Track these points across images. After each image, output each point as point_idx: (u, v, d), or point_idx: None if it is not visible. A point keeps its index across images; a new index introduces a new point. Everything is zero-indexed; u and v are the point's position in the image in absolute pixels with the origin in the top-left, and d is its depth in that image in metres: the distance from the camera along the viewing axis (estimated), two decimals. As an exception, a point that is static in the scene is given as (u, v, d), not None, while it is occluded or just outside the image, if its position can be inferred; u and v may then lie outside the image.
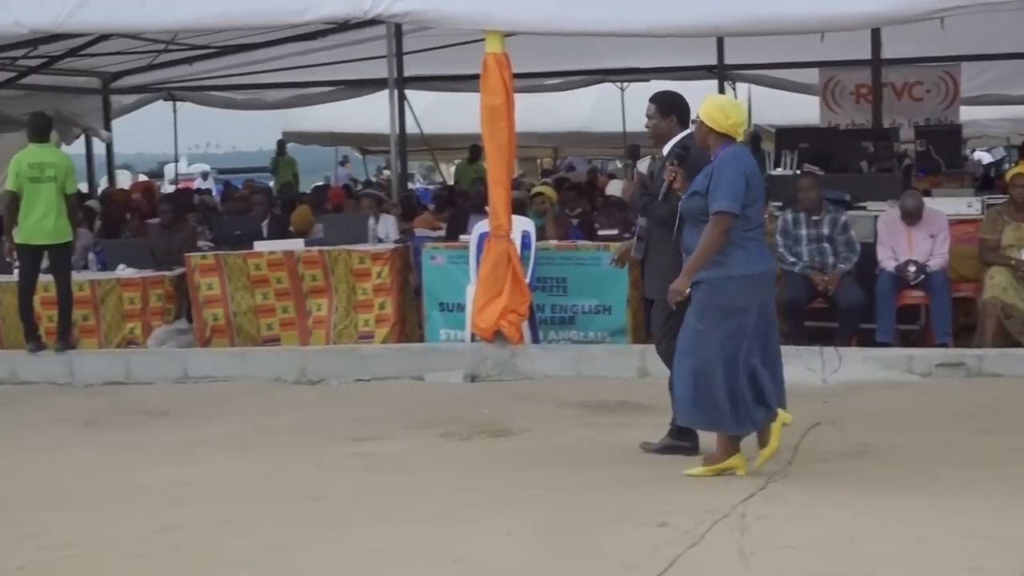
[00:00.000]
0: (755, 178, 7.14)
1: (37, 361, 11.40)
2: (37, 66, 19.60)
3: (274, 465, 8.01)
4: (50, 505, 7.22)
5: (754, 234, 7.14)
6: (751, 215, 7.10)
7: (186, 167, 42.22)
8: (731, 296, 7.05)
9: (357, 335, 11.61)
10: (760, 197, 7.21)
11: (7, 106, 20.54)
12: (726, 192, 7.00)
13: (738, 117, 7.20)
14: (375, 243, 11.99)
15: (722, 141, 7.15)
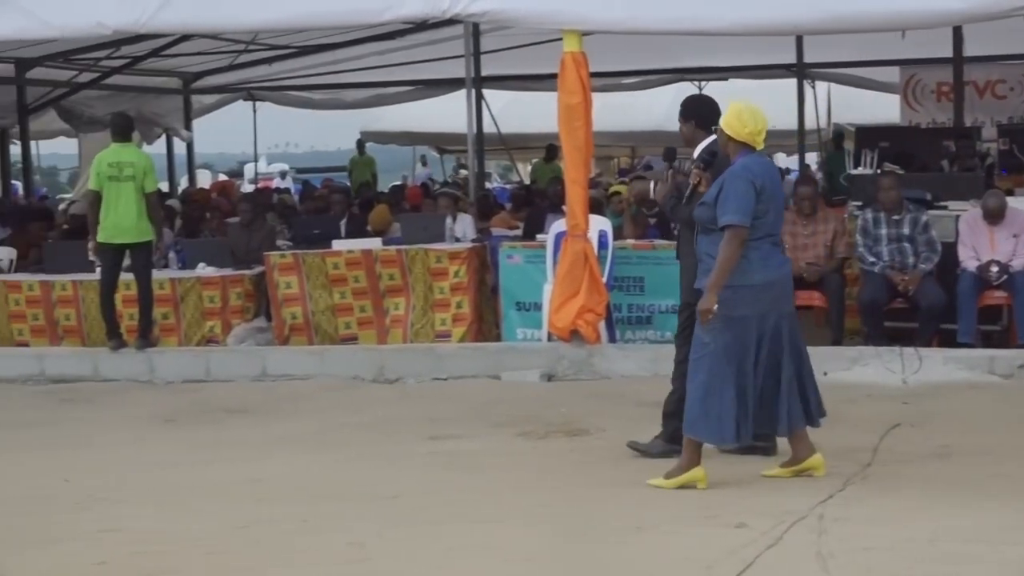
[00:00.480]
0: (768, 188, 7.05)
1: (118, 359, 11.53)
2: (120, 67, 19.85)
3: (351, 463, 8.05)
4: (129, 501, 7.30)
5: (758, 244, 7.05)
6: (759, 225, 7.02)
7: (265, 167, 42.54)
8: (730, 306, 6.99)
9: (434, 334, 11.64)
10: (774, 208, 7.11)
11: (91, 106, 20.82)
12: (736, 206, 6.95)
13: (756, 125, 7.10)
14: (452, 242, 12.02)
15: (740, 149, 7.10)
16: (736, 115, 7.12)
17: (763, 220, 7.03)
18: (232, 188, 26.14)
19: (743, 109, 7.16)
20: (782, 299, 7.17)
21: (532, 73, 19.01)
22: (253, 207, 13.60)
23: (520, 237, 13.02)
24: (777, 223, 7.19)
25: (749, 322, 7.02)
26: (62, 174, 48.17)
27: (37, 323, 12.29)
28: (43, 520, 6.96)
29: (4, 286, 12.42)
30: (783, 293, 7.20)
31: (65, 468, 8.15)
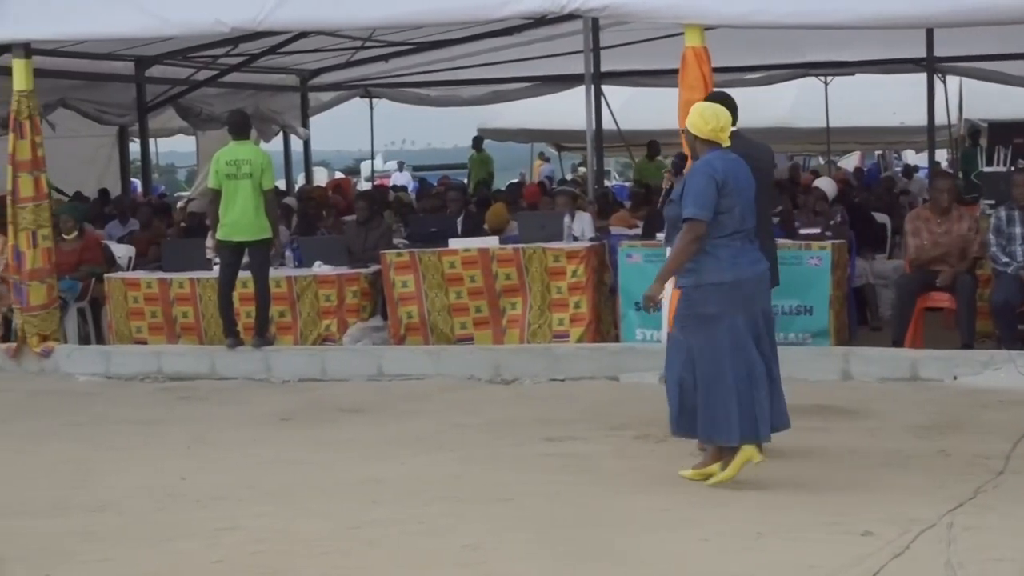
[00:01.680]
0: (731, 183, 7.16)
1: (235, 357, 11.69)
2: (237, 64, 20.13)
3: (467, 464, 8.08)
4: (245, 500, 7.40)
5: (728, 240, 7.18)
6: (726, 221, 7.15)
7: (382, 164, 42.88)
8: (702, 304, 7.18)
9: (551, 334, 11.65)
10: (741, 203, 7.20)
11: (209, 104, 21.15)
12: (694, 199, 7.13)
13: (718, 122, 7.28)
14: (570, 241, 12.01)
15: (708, 147, 7.29)
16: (699, 114, 7.34)
17: (730, 215, 7.16)
18: (348, 186, 26.38)
19: (705, 107, 7.42)
20: (756, 297, 7.31)
21: (652, 69, 18.95)
22: (369, 205, 13.71)
23: (640, 236, 12.98)
24: (748, 218, 7.26)
25: (722, 320, 7.16)
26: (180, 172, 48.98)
27: (155, 321, 12.50)
28: (160, 518, 7.09)
29: (123, 284, 12.67)
30: (758, 291, 7.32)
31: (182, 466, 8.29)
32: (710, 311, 7.18)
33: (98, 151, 22.84)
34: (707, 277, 7.18)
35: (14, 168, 12.18)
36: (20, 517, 7.19)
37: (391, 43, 19.66)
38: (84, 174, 21.99)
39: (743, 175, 7.30)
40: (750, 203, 7.32)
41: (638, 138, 22.68)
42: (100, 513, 7.23)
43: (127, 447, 8.97)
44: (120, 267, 13.69)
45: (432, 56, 20.63)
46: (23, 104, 12.18)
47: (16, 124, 12.18)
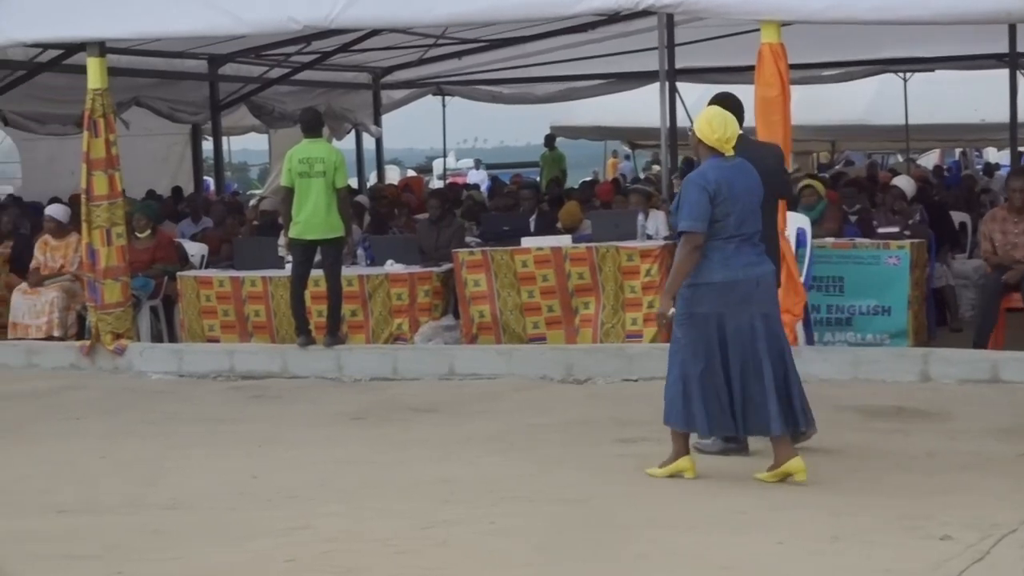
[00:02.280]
0: (725, 191, 7.38)
1: (307, 356, 11.76)
2: (310, 62, 20.26)
3: (539, 465, 8.08)
4: (317, 499, 7.45)
5: (722, 244, 7.41)
6: (719, 229, 7.39)
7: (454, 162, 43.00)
8: (694, 303, 7.47)
9: (624, 334, 11.62)
10: (737, 210, 7.40)
11: (281, 102, 21.30)
12: (688, 211, 7.41)
13: (725, 132, 7.48)
14: (644, 240, 11.99)
15: (710, 154, 7.52)
16: (707, 121, 7.54)
17: (724, 223, 7.39)
18: (420, 184, 26.48)
19: (715, 115, 7.60)
20: (754, 299, 7.46)
21: (728, 65, 18.85)
22: (442, 203, 13.74)
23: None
24: (746, 223, 7.45)
25: (710, 320, 7.42)
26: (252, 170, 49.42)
27: (227, 319, 12.61)
28: (233, 517, 7.15)
29: (196, 282, 12.78)
30: (755, 293, 7.47)
31: (253, 465, 8.35)
32: (703, 310, 7.45)
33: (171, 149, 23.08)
34: (699, 277, 7.45)
35: (88, 166, 12.32)
36: (93, 514, 7.28)
37: (464, 40, 19.69)
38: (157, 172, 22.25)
39: (740, 182, 7.49)
40: (750, 209, 7.50)
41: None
42: (172, 511, 7.30)
43: (199, 445, 9.05)
44: (193, 265, 13.81)
45: (505, 53, 20.65)
46: (97, 102, 12.32)
47: (91, 122, 12.32)
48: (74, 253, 13.41)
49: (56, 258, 13.60)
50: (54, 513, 7.32)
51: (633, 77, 20.80)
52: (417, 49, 20.22)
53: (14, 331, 13.25)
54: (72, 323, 13.23)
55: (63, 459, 8.71)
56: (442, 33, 18.32)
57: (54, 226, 13.68)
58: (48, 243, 13.67)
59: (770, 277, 7.61)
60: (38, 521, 7.16)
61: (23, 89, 17.66)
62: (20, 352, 12.81)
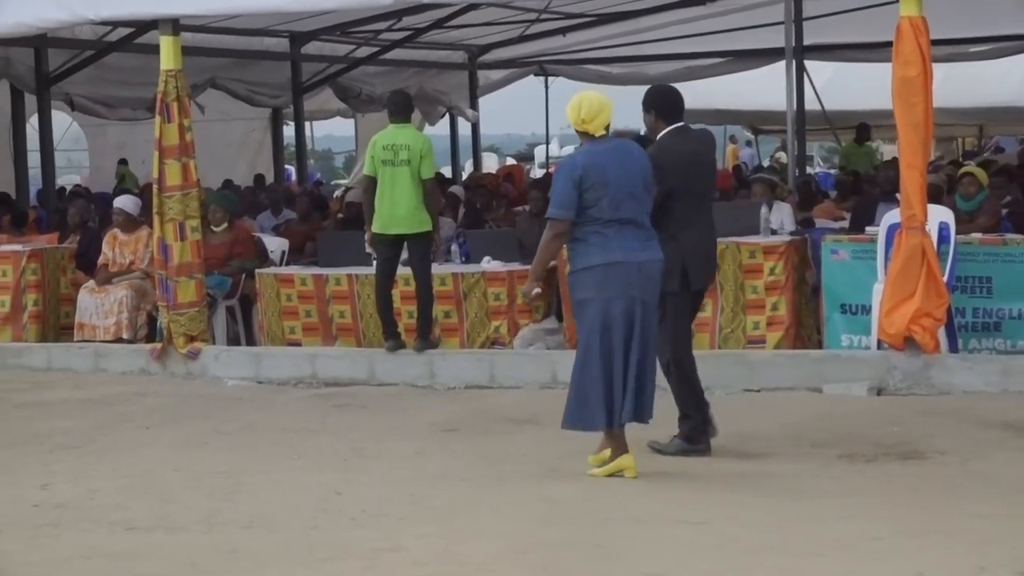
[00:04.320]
0: (596, 176, 7.96)
1: (396, 361, 11.82)
2: (400, 39, 20.41)
3: (650, 482, 8.07)
4: (406, 518, 7.49)
5: (600, 228, 8.00)
6: (594, 213, 7.98)
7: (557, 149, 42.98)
8: (578, 290, 8.15)
9: (745, 339, 11.57)
10: (611, 193, 7.97)
11: (369, 83, 21.48)
12: (554, 199, 8.09)
13: (589, 112, 8.06)
14: (768, 235, 11.92)
15: (586, 139, 8.14)
16: (573, 108, 8.14)
17: (597, 207, 7.98)
18: (521, 173, 26.54)
19: (580, 101, 8.17)
20: (634, 284, 8.03)
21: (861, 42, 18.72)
22: (544, 194, 13.74)
23: (846, 229, 12.83)
24: (623, 207, 8.01)
25: (595, 304, 8.02)
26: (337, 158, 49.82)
27: (310, 320, 12.70)
28: (315, 536, 7.20)
29: (275, 280, 12.89)
30: (635, 278, 8.04)
31: (337, 480, 8.41)
32: (584, 295, 8.08)
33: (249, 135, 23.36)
34: (578, 263, 8.13)
35: (161, 154, 12.46)
36: (165, 532, 7.37)
37: (569, 15, 19.73)
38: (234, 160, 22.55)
39: (614, 165, 8.03)
40: (626, 192, 8.03)
41: (845, 119, 22.45)
42: (249, 529, 7.38)
43: (278, 458, 9.13)
44: (273, 262, 13.91)
45: (615, 29, 20.67)
46: (171, 85, 12.45)
47: (163, 106, 12.46)
48: (144, 248, 13.59)
49: (125, 254, 13.78)
50: (124, 530, 7.42)
51: (757, 55, 20.73)
52: (518, 25, 20.30)
53: (81, 332, 13.45)
54: (142, 324, 13.41)
55: (133, 472, 8.83)
56: (546, 7, 18.35)
57: (123, 219, 13.86)
58: (117, 237, 13.86)
59: (654, 265, 8.14)
60: (107, 538, 7.27)
61: (91, 71, 17.96)
62: (87, 355, 13.01)
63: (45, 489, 8.37)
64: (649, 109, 8.84)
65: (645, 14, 19.44)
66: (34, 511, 7.84)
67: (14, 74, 17.49)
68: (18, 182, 18.54)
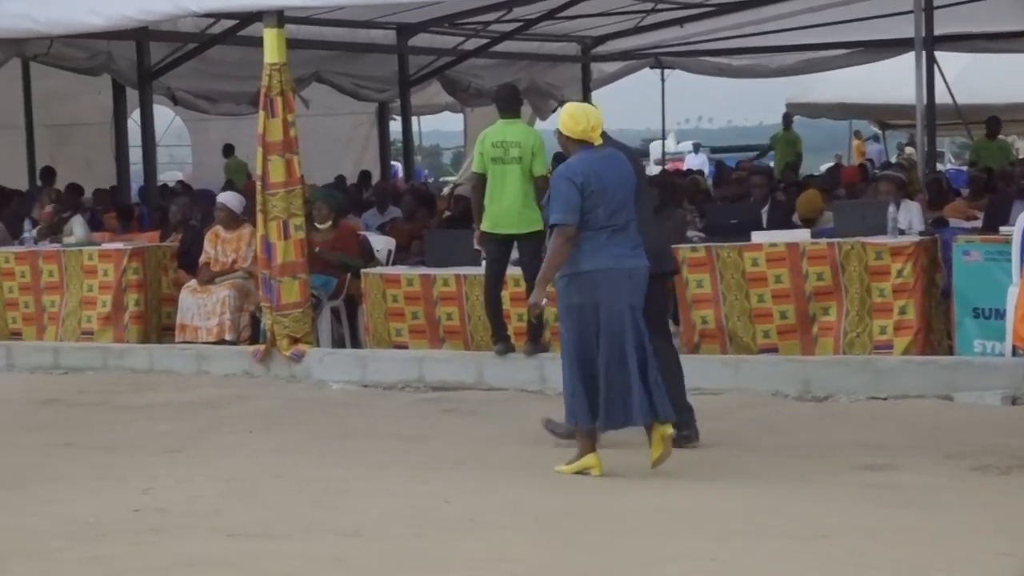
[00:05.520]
0: (594, 183, 8.48)
1: (505, 365, 11.83)
2: (511, 31, 20.44)
3: (771, 493, 8.03)
4: (516, 528, 7.50)
5: (592, 235, 8.50)
6: (589, 220, 8.48)
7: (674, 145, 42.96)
8: (568, 294, 8.60)
9: (872, 345, 11.47)
10: (607, 201, 8.49)
11: (478, 76, 21.52)
12: (557, 205, 8.55)
13: (588, 122, 8.61)
14: (896, 235, 11.80)
15: (579, 146, 8.64)
16: (570, 115, 8.68)
17: (594, 214, 8.49)
18: (637, 170, 26.45)
19: (575, 109, 8.77)
20: (624, 290, 8.55)
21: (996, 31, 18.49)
22: (660, 192, 13.71)
23: (979, 230, 12.68)
24: (617, 214, 8.55)
25: (585, 309, 8.53)
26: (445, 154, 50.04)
27: (416, 322, 12.73)
28: (421, 546, 7.24)
29: (381, 280, 12.93)
30: (626, 284, 8.56)
31: (445, 488, 8.45)
32: (575, 300, 8.55)
33: (355, 131, 23.53)
34: (570, 268, 8.55)
35: (264, 150, 12.57)
36: (268, 539, 7.44)
37: (687, 5, 19.68)
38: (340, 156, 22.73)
39: (610, 173, 8.61)
40: (620, 199, 8.58)
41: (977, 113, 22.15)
42: (354, 538, 7.42)
43: (384, 465, 9.19)
44: (379, 261, 13.98)
45: (734, 19, 20.57)
46: (275, 78, 12.56)
47: (267, 101, 12.56)
48: (247, 247, 13.71)
49: (227, 252, 13.91)
50: (225, 536, 7.50)
51: (884, 46, 20.53)
52: (633, 15, 20.27)
53: (182, 333, 13.62)
54: (245, 325, 13.54)
55: (235, 477, 8.93)
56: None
57: (226, 215, 13.98)
58: (219, 235, 13.99)
59: (642, 271, 8.68)
60: (208, 545, 7.35)
61: (193, 64, 18.16)
62: (189, 357, 13.17)
63: (147, 493, 8.48)
64: None
65: (767, 3, 19.33)
66: (135, 516, 7.96)
67: (116, 69, 17.73)
68: (119, 178, 18.81)
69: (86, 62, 17.54)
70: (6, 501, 8.38)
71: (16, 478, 9.02)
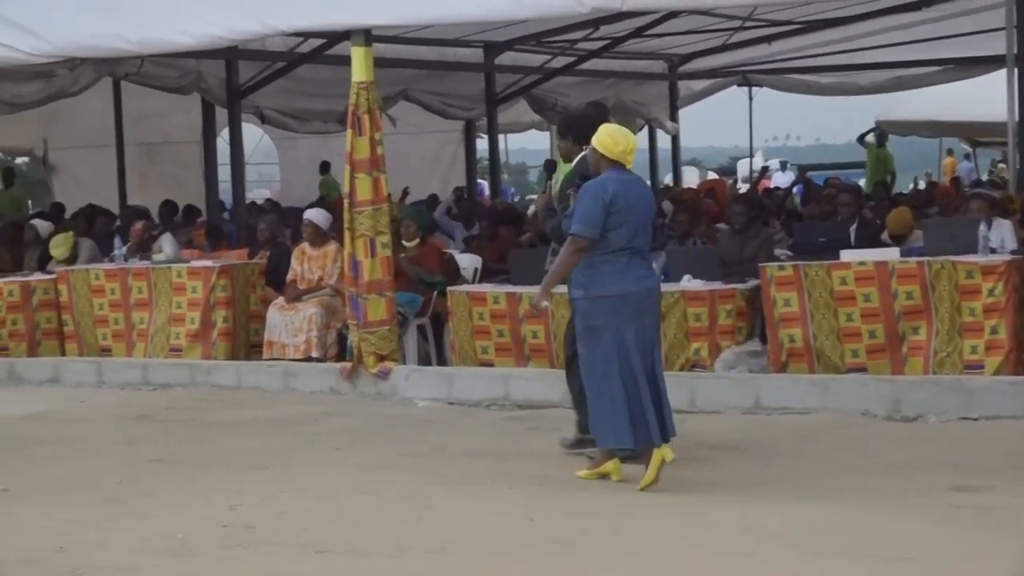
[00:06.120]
0: (621, 203, 8.72)
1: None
2: (598, 49, 20.47)
3: (860, 514, 7.97)
4: (603, 547, 7.49)
5: (614, 256, 8.78)
6: (613, 239, 8.74)
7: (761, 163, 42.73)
8: (591, 316, 8.83)
9: (962, 364, 11.37)
10: (630, 223, 8.76)
11: (564, 94, 21.56)
12: (580, 217, 8.78)
13: (628, 144, 8.87)
14: (987, 254, 11.70)
15: (611, 166, 8.85)
16: (610, 135, 8.88)
17: (617, 233, 8.74)
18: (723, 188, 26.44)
19: (616, 130, 8.97)
20: (644, 311, 8.87)
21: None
22: (748, 210, 13.68)
23: (1073, 248, 12.55)
24: (637, 237, 8.83)
25: (608, 331, 8.76)
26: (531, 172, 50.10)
27: (502, 340, 12.77)
28: (505, 565, 7.25)
29: (467, 298, 12.97)
30: (646, 305, 8.89)
31: (531, 506, 8.45)
32: (599, 322, 8.79)
33: (442, 149, 23.63)
34: (594, 291, 8.79)
35: (352, 168, 12.64)
36: (355, 556, 7.48)
37: (775, 22, 19.63)
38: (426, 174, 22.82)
39: (636, 196, 8.89)
40: (642, 223, 8.89)
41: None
42: (440, 555, 7.44)
43: (469, 482, 9.20)
44: (465, 279, 14.03)
45: (823, 37, 20.49)
46: (362, 97, 12.63)
47: (354, 119, 12.64)
48: (332, 263, 13.81)
49: (314, 269, 14.01)
50: (312, 553, 7.54)
51: (976, 63, 20.39)
52: (720, 33, 20.24)
53: (270, 350, 13.73)
54: (332, 343, 13.63)
55: (322, 493, 8.98)
56: (750, 14, 18.29)
57: (312, 231, 14.09)
58: (305, 252, 14.10)
59: (656, 291, 9.09)
60: (295, 562, 7.39)
61: (282, 83, 18.32)
62: (276, 375, 13.26)
63: (234, 510, 8.55)
64: (565, 135, 9.68)
65: (856, 21, 19.23)
66: (223, 532, 8.02)
67: (205, 87, 17.92)
68: (208, 196, 18.99)
69: (176, 81, 17.73)
70: (98, 517, 8.48)
71: (107, 493, 9.12)
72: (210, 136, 18.86)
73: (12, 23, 14.06)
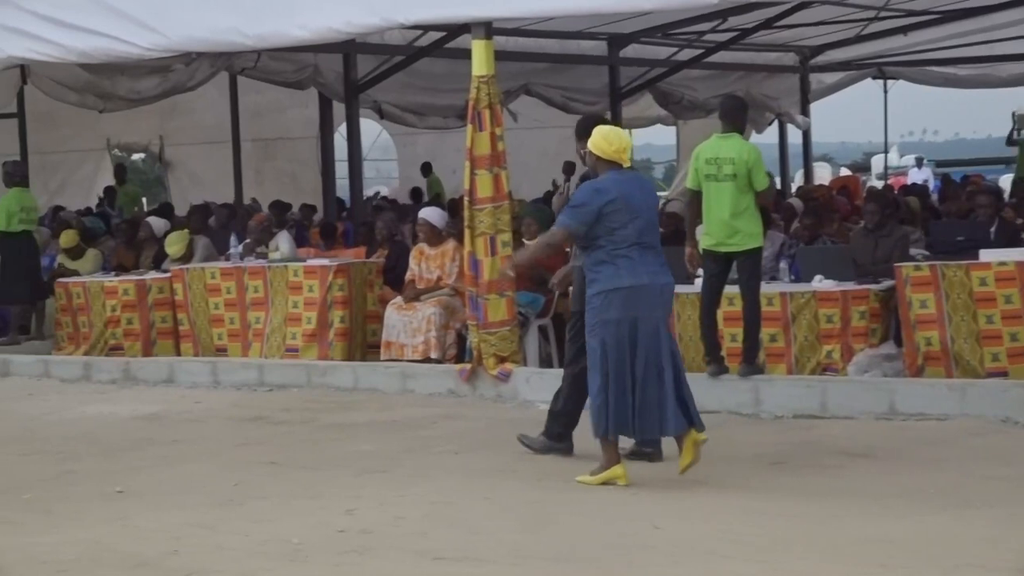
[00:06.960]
0: (621, 201, 9.04)
1: (718, 386, 11.78)
2: (726, 41, 20.38)
3: (996, 526, 7.88)
4: (728, 556, 7.45)
5: (626, 251, 9.09)
6: (621, 235, 9.05)
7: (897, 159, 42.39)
8: (604, 310, 9.11)
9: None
10: (637, 220, 9.08)
11: (691, 88, 21.49)
12: (569, 211, 9.23)
13: (621, 143, 9.23)
14: None
15: (608, 167, 9.21)
16: (603, 136, 9.25)
17: (623, 231, 9.07)
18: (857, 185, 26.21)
19: (609, 131, 9.36)
20: (656, 304, 9.17)
21: None
22: (882, 208, 13.56)
23: None
24: (646, 232, 9.16)
25: (622, 324, 9.05)
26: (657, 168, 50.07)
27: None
28: (629, 573, 7.24)
29: (590, 298, 12.95)
30: (658, 298, 9.19)
31: (651, 513, 8.44)
32: (613, 315, 9.07)
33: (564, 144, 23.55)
34: (607, 284, 9.10)
35: (472, 164, 12.67)
36: (474, 563, 7.50)
37: (911, 12, 19.42)
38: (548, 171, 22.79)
39: (639, 193, 9.21)
40: (648, 219, 9.21)
41: None
42: (559, 563, 7.45)
43: (594, 487, 9.19)
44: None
45: (962, 27, 20.26)
46: (483, 91, 12.66)
47: (474, 114, 12.66)
48: (451, 263, 13.85)
49: (432, 268, 14.06)
50: (430, 560, 7.58)
51: (1122, 53, 20.02)
52: (854, 24, 20.07)
53: (388, 351, 13.80)
54: (451, 343, 13.68)
55: (441, 499, 9.01)
56: (885, 4, 18.09)
57: (427, 230, 14.14)
58: (423, 251, 14.16)
59: (671, 288, 9.37)
60: (413, 568, 7.43)
61: (400, 77, 18.41)
62: (394, 376, 13.34)
63: (351, 514, 8.60)
64: (582, 137, 9.78)
65: (997, 10, 18.99)
66: (339, 537, 8.07)
67: (323, 82, 18.05)
68: (325, 193, 19.13)
69: (293, 75, 17.89)
70: (213, 520, 8.57)
71: (222, 496, 9.23)
72: (327, 132, 19.00)
73: (129, 17, 14.27)
